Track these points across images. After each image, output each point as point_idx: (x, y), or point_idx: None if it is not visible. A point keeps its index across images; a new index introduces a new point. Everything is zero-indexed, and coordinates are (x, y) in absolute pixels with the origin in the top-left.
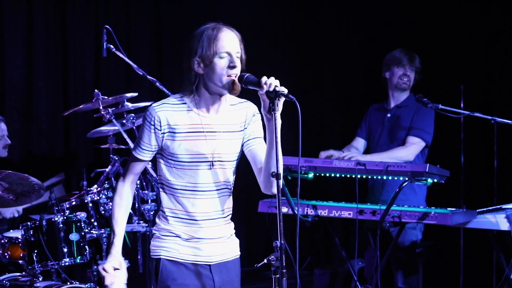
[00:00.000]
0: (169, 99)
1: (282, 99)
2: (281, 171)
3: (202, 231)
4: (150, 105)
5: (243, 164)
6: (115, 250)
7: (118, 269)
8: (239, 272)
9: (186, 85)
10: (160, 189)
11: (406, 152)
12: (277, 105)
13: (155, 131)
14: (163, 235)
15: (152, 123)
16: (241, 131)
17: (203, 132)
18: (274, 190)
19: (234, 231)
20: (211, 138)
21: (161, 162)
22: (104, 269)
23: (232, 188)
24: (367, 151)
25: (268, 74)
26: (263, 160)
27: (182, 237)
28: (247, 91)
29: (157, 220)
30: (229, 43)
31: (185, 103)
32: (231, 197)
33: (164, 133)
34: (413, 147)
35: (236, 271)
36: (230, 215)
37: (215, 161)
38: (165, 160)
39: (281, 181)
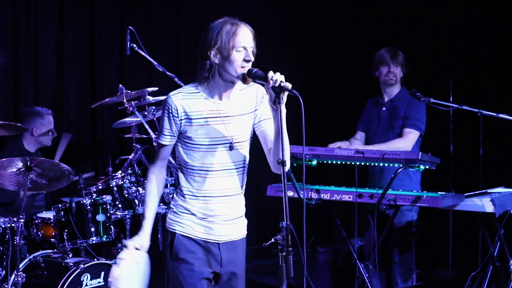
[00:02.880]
0: (185, 88)
1: (286, 93)
2: (287, 158)
3: (217, 208)
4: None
5: (253, 151)
6: (143, 232)
7: (138, 249)
8: (245, 250)
9: (200, 72)
10: (178, 170)
11: (404, 143)
12: (282, 98)
13: (173, 118)
14: (180, 211)
15: (170, 110)
16: (252, 112)
17: (220, 117)
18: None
19: (245, 209)
20: (228, 122)
21: (178, 145)
22: (125, 244)
23: (247, 165)
24: (366, 140)
25: (274, 69)
26: (273, 140)
27: (197, 215)
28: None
29: (175, 196)
30: (245, 38)
31: (199, 92)
32: (246, 173)
33: (181, 119)
34: (410, 138)
35: (243, 249)
36: (243, 192)
37: (234, 142)
38: (182, 144)
39: (286, 168)
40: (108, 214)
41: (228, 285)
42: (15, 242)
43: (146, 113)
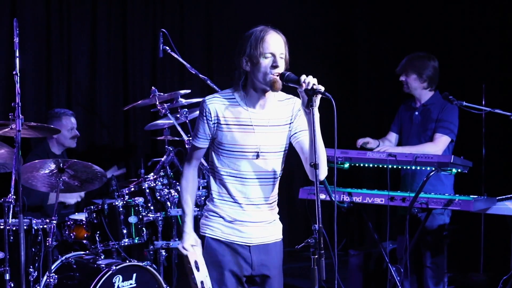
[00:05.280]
0: (221, 93)
1: (319, 96)
2: (320, 161)
3: (245, 214)
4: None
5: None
6: (188, 229)
7: (194, 245)
8: (280, 254)
9: (236, 80)
10: (210, 175)
11: (435, 147)
12: (315, 101)
13: (207, 122)
14: (210, 215)
15: (204, 114)
16: (287, 124)
17: (252, 125)
18: (320, 177)
19: (277, 216)
20: (259, 131)
21: (211, 149)
22: (184, 248)
23: (278, 177)
24: (399, 144)
25: (307, 73)
26: (308, 148)
27: (225, 218)
28: (289, 86)
29: (207, 202)
30: (273, 44)
31: (234, 98)
32: (276, 185)
33: (214, 123)
34: (441, 143)
35: (277, 252)
36: (275, 202)
37: (261, 152)
38: (214, 148)
39: (323, 176)
40: (140, 216)
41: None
42: (47, 244)
43: (178, 115)
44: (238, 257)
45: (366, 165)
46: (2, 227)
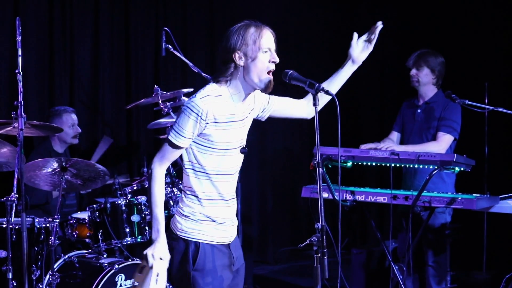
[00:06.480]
0: (210, 91)
1: (323, 94)
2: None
3: (230, 211)
4: (192, 96)
5: (288, 153)
6: (162, 238)
7: (163, 258)
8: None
9: (221, 76)
10: (189, 175)
11: (438, 146)
12: (318, 100)
13: (200, 121)
14: (200, 219)
15: (199, 114)
16: (251, 111)
17: (238, 120)
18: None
19: None
20: (244, 124)
21: (193, 149)
22: (153, 256)
23: None
24: (401, 142)
25: (308, 69)
26: (292, 103)
27: (217, 221)
28: (291, 85)
29: (186, 201)
30: (269, 40)
31: (221, 95)
32: None
33: (207, 123)
34: (444, 142)
35: (239, 245)
36: None
37: (242, 144)
38: (200, 147)
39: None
40: (143, 215)
41: (237, 278)
42: (50, 242)
43: None
44: (225, 257)
45: (369, 163)
46: (4, 225)
